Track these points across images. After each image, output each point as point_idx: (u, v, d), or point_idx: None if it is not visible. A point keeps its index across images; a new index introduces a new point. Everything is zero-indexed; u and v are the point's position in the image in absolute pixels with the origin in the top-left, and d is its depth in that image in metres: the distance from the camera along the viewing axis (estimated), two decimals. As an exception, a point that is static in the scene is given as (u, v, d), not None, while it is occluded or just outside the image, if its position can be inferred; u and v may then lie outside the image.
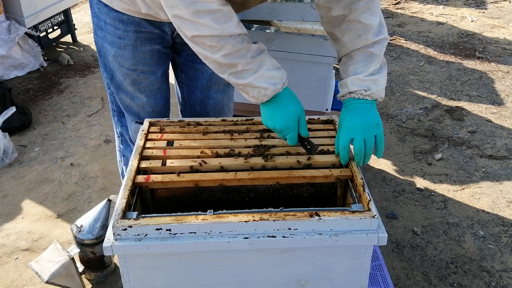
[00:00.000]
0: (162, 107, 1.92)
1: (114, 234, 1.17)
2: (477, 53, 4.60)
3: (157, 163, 1.43)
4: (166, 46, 1.79)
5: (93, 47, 4.61)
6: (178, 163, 1.43)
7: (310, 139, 1.45)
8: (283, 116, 1.38)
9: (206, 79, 1.88)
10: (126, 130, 2.04)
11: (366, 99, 1.40)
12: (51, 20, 4.31)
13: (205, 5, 1.27)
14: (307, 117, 1.68)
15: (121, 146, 2.16)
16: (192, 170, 1.42)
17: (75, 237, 2.05)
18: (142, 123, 1.93)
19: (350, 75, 1.42)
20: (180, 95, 2.03)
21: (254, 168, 1.43)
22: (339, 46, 1.48)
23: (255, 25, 2.48)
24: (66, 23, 4.57)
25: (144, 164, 1.43)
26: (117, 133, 2.12)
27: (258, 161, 1.44)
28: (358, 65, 1.41)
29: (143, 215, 1.21)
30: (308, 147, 1.44)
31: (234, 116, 1.81)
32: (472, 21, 5.43)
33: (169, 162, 1.43)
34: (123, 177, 2.28)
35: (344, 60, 1.47)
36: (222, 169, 1.42)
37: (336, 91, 2.74)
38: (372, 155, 1.42)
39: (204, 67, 1.84)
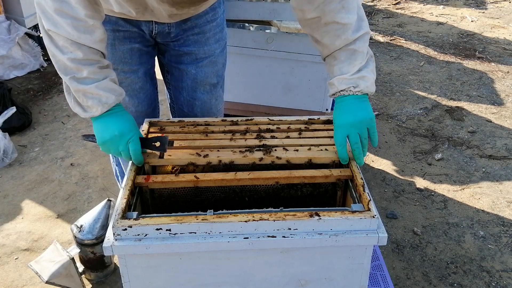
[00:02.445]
0: (147, 107, 1.90)
1: (114, 234, 1.17)
2: (477, 53, 4.60)
3: (154, 156, 1.43)
4: (147, 45, 1.77)
5: (93, 47, 4.60)
6: (176, 157, 1.43)
7: (156, 137, 1.42)
8: (121, 122, 1.35)
9: (190, 80, 1.86)
10: None
11: (357, 94, 1.40)
12: (51, 20, 4.30)
13: (71, 9, 1.27)
14: (306, 117, 1.68)
15: None
16: (191, 164, 1.42)
17: (75, 237, 2.05)
18: None
19: (336, 75, 1.42)
20: (168, 95, 2.02)
21: (255, 163, 1.43)
22: (321, 47, 1.47)
23: (255, 25, 2.49)
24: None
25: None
26: None
27: (258, 155, 1.44)
28: (342, 65, 1.41)
29: (143, 215, 1.21)
30: (158, 145, 1.38)
31: (234, 116, 1.81)
32: (472, 21, 5.43)
33: (166, 156, 1.43)
34: (117, 177, 2.28)
35: (328, 60, 1.46)
36: (220, 163, 1.42)
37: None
38: (372, 157, 1.42)
39: (188, 67, 1.83)
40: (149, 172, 1.44)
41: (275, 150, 1.47)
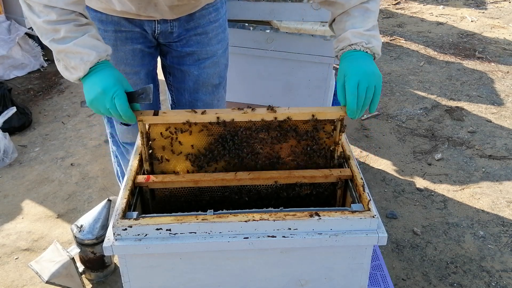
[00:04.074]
0: (148, 108, 1.89)
1: (114, 234, 1.17)
2: (477, 53, 4.60)
3: (149, 113, 1.36)
4: (149, 46, 1.77)
5: (93, 47, 4.61)
6: (173, 114, 1.38)
7: (141, 88, 1.34)
8: (104, 78, 1.31)
9: (193, 81, 1.86)
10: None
11: (367, 52, 1.39)
12: (51, 20, 4.31)
13: None
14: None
15: (113, 147, 2.16)
16: (187, 123, 1.36)
17: (75, 237, 2.06)
18: (127, 125, 1.92)
19: (348, 29, 1.41)
20: (170, 98, 2.01)
21: (255, 123, 1.37)
22: (334, 8, 1.47)
23: (255, 25, 2.49)
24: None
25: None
26: (108, 134, 2.12)
27: (259, 111, 1.39)
28: (355, 20, 1.41)
29: (143, 215, 1.21)
30: (143, 95, 1.32)
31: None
32: (472, 21, 5.43)
33: (161, 113, 1.37)
34: (118, 178, 2.28)
35: (340, 18, 1.46)
36: (218, 120, 1.36)
37: (336, 91, 2.73)
38: (372, 157, 1.41)
39: (190, 69, 1.83)
40: (150, 171, 1.45)
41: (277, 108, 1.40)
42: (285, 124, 1.39)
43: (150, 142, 1.40)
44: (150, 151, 1.42)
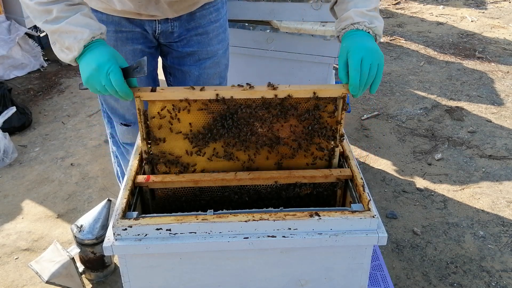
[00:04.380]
0: None
1: (114, 234, 1.17)
2: (477, 53, 4.60)
3: (146, 90, 1.34)
4: (150, 46, 1.77)
5: (93, 47, 4.61)
6: (171, 90, 1.35)
7: (136, 61, 1.31)
8: (98, 55, 1.29)
9: (193, 81, 1.86)
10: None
11: (369, 32, 1.39)
12: (51, 20, 4.31)
13: None
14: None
15: (113, 147, 2.16)
16: (186, 100, 1.34)
17: (75, 237, 2.06)
18: (128, 125, 1.92)
19: (350, 9, 1.41)
20: None
21: (254, 101, 1.34)
22: None
23: (255, 25, 2.49)
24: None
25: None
26: (109, 134, 2.12)
27: (258, 89, 1.35)
28: (358, 0, 1.41)
29: (143, 215, 1.21)
30: (137, 69, 1.29)
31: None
32: (472, 21, 5.43)
33: (159, 89, 1.34)
34: (118, 178, 2.28)
35: (341, 0, 1.46)
36: (217, 97, 1.33)
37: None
38: (372, 157, 1.41)
39: (191, 69, 1.83)
40: (150, 171, 1.45)
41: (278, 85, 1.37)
42: (286, 102, 1.36)
43: (148, 121, 1.37)
44: (147, 130, 1.38)
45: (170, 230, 1.17)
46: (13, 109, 3.05)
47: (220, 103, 1.35)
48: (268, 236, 1.18)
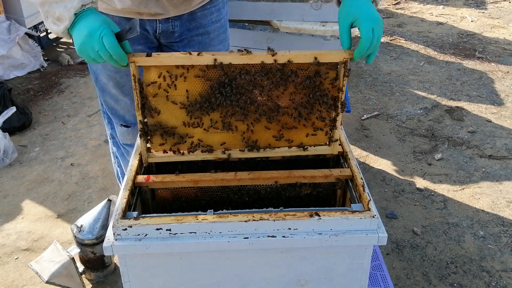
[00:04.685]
0: None
1: (114, 234, 1.17)
2: (477, 53, 4.60)
3: (141, 55, 1.29)
4: (150, 46, 1.76)
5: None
6: (167, 55, 1.30)
7: (128, 24, 1.27)
8: (89, 21, 1.27)
9: None
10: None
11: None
12: (51, 20, 4.31)
13: None
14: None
15: (113, 148, 2.15)
16: (183, 66, 1.29)
17: (75, 237, 2.06)
18: (128, 126, 1.92)
19: None
20: None
21: (253, 67, 1.30)
22: None
23: (255, 25, 2.49)
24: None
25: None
26: (109, 135, 2.12)
27: (257, 54, 1.30)
28: None
29: (143, 215, 1.21)
30: (130, 30, 1.25)
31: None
32: (472, 21, 5.43)
33: (154, 55, 1.29)
34: (118, 178, 2.27)
35: None
36: (215, 62, 1.29)
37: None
38: (372, 157, 1.40)
39: None
40: (152, 170, 1.45)
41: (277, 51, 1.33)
42: (286, 68, 1.32)
43: (143, 90, 1.33)
44: (143, 100, 1.34)
45: (170, 230, 1.17)
46: (13, 109, 3.05)
47: (218, 69, 1.30)
48: (268, 236, 1.18)
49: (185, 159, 1.44)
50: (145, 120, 1.37)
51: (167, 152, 1.43)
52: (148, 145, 1.42)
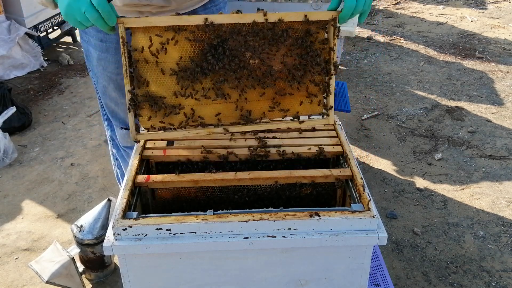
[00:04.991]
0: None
1: (114, 234, 1.17)
2: (477, 53, 4.60)
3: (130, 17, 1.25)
4: None
5: (93, 47, 4.61)
6: (157, 17, 1.26)
7: None
8: None
9: None
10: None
11: None
12: (51, 20, 4.32)
13: None
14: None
15: (113, 149, 2.15)
16: (172, 27, 1.25)
17: (75, 237, 2.06)
18: (128, 129, 1.91)
19: None
20: None
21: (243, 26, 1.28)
22: None
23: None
24: (66, 23, 4.57)
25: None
26: (108, 137, 2.11)
27: (253, 13, 1.28)
28: None
29: (143, 215, 1.21)
30: None
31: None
32: (472, 21, 5.43)
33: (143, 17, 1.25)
34: (118, 180, 2.27)
35: None
36: (205, 22, 1.26)
37: (336, 91, 2.73)
38: (372, 157, 1.40)
39: None
40: (152, 169, 1.45)
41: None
42: (277, 28, 1.32)
43: (132, 55, 1.28)
44: (131, 65, 1.29)
45: (170, 230, 1.17)
46: (13, 109, 3.05)
47: (210, 30, 1.27)
48: (268, 236, 1.18)
49: (176, 137, 1.40)
50: (133, 89, 1.34)
51: (155, 129, 1.37)
52: (137, 121, 1.37)
